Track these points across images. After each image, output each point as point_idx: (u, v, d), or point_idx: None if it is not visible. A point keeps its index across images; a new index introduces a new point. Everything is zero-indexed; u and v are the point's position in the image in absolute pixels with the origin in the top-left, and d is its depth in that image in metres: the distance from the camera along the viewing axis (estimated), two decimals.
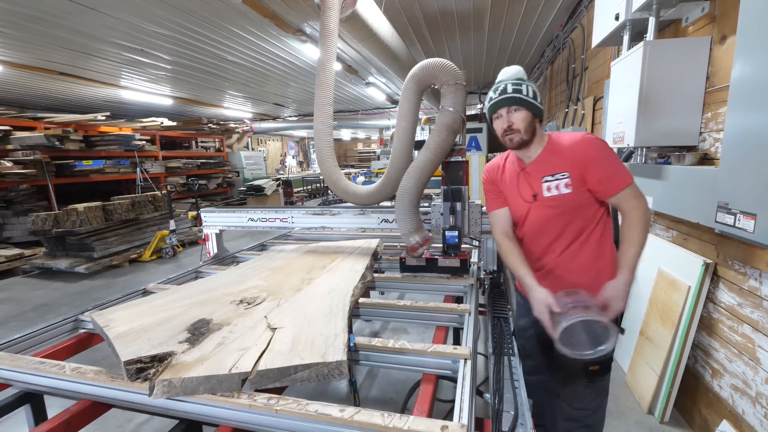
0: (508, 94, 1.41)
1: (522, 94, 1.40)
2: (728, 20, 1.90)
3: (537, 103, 1.42)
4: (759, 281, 1.72)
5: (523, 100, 1.40)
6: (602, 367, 1.46)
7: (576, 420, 1.59)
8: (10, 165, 6.06)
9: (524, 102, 1.40)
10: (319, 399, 1.04)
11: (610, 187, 1.36)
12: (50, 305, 4.55)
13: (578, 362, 1.39)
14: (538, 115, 1.44)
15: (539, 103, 1.43)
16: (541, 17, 4.77)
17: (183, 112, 10.98)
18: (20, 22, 4.15)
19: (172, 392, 1.07)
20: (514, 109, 1.42)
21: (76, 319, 1.73)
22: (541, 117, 1.46)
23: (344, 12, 2.72)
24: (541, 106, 1.45)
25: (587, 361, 1.34)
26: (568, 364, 1.49)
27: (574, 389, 1.55)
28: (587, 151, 1.37)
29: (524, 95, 1.40)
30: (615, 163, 1.36)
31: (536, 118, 1.44)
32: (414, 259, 2.11)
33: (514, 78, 1.45)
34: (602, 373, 1.49)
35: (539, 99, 1.44)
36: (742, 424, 1.80)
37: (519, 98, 1.40)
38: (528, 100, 1.40)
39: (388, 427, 0.93)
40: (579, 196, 1.41)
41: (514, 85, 1.41)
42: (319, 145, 2.39)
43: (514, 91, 1.41)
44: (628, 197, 1.35)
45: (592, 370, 1.45)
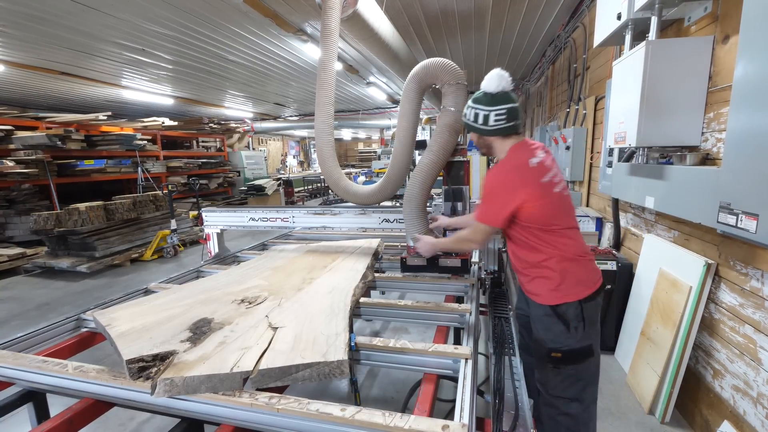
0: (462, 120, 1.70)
1: (466, 118, 1.63)
2: (731, 20, 1.90)
3: (477, 125, 1.58)
4: (761, 282, 1.72)
5: (466, 125, 1.65)
6: (565, 355, 1.53)
7: (554, 407, 1.62)
8: (12, 164, 6.07)
9: (467, 126, 1.65)
10: (321, 398, 1.05)
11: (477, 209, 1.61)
12: (52, 304, 4.56)
13: (541, 346, 1.59)
14: (483, 134, 1.60)
15: (481, 123, 1.56)
16: (542, 17, 4.76)
17: (184, 112, 10.99)
18: (22, 22, 4.16)
19: (174, 391, 1.07)
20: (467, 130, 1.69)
21: (78, 318, 1.73)
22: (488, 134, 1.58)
23: (345, 11, 2.72)
24: (482, 126, 1.56)
25: (549, 347, 1.55)
26: (535, 348, 1.64)
27: (545, 374, 1.61)
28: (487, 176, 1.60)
29: (466, 119, 1.63)
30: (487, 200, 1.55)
31: (483, 136, 1.61)
32: (415, 259, 2.11)
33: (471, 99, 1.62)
34: (566, 361, 1.54)
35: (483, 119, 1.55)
36: (743, 424, 1.80)
37: (464, 123, 1.66)
38: (468, 124, 1.62)
39: (389, 427, 0.93)
40: None
41: (466, 109, 1.64)
42: (320, 145, 2.40)
43: (462, 115, 1.67)
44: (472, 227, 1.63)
45: (554, 356, 1.55)
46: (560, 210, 1.53)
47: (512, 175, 1.49)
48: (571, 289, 1.51)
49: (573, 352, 1.53)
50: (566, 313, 1.51)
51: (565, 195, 1.55)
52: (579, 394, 1.58)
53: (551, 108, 6.18)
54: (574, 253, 1.53)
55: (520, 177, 1.47)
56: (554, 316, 1.53)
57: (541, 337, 1.59)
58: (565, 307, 1.51)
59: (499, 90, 1.51)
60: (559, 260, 1.51)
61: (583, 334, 1.52)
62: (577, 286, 1.52)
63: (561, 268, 1.51)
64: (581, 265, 1.54)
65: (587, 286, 1.53)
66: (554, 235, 1.51)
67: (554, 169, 1.53)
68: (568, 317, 1.51)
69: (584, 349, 1.54)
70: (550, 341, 1.56)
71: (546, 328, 1.56)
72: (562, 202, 1.53)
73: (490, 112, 1.52)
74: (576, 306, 1.51)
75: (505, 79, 1.51)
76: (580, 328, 1.51)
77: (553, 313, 1.53)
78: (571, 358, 1.54)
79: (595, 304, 1.56)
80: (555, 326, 1.53)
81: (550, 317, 1.54)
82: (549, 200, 1.48)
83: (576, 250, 1.54)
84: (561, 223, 1.52)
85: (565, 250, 1.52)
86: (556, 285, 1.52)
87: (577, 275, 1.52)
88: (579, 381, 1.57)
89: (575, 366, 1.55)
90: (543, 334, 1.58)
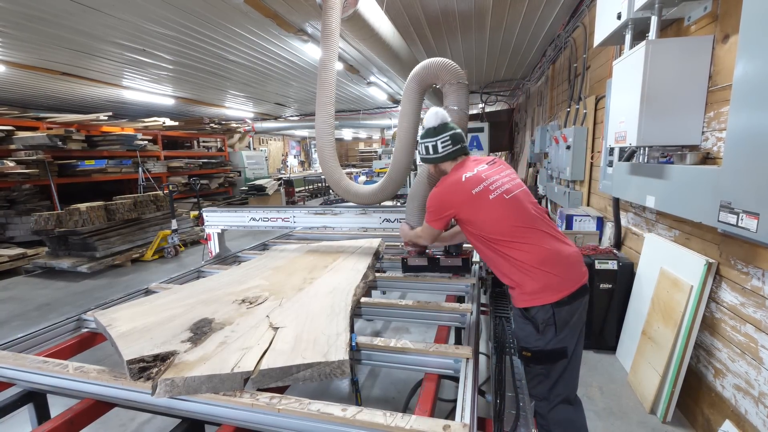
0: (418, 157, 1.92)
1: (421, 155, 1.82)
2: (731, 19, 1.90)
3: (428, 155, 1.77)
4: (762, 281, 1.72)
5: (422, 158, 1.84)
6: (534, 355, 1.58)
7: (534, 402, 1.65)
8: (13, 165, 6.08)
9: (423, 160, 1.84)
10: (321, 398, 1.05)
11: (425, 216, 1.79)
12: (53, 305, 4.57)
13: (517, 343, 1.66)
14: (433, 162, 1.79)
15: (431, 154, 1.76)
16: (542, 17, 4.76)
17: (185, 112, 10.99)
18: (22, 23, 4.16)
19: (175, 391, 1.07)
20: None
21: (79, 319, 1.73)
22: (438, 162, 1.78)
23: (346, 11, 2.72)
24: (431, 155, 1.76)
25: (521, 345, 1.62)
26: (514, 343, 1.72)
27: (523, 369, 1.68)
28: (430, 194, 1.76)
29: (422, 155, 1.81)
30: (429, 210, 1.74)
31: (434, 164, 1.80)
32: (416, 259, 2.11)
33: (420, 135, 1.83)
34: (534, 361, 1.58)
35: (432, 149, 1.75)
36: (744, 424, 1.80)
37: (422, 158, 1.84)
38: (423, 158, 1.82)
39: (391, 427, 0.93)
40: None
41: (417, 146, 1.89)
42: (320, 145, 2.40)
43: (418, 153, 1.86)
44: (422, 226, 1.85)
45: (524, 355, 1.61)
46: (504, 213, 1.57)
47: (446, 190, 1.67)
48: (541, 293, 1.52)
49: (542, 353, 1.56)
50: (536, 316, 1.53)
51: (507, 198, 1.59)
52: (546, 392, 1.60)
53: (552, 107, 6.17)
54: (532, 264, 1.52)
55: (451, 191, 1.65)
56: (524, 318, 1.57)
57: (516, 335, 1.67)
58: (534, 310, 1.53)
59: (439, 123, 1.74)
60: (516, 271, 1.55)
61: (554, 337, 1.52)
62: (547, 291, 1.51)
63: (520, 279, 1.55)
64: (550, 269, 1.52)
65: (560, 289, 1.51)
66: (504, 247, 1.56)
67: (493, 177, 1.63)
68: (538, 320, 1.53)
69: (555, 351, 1.55)
70: (521, 340, 1.61)
71: (519, 327, 1.62)
72: (504, 206, 1.58)
73: (437, 141, 1.72)
74: (547, 309, 1.51)
75: (441, 114, 1.75)
76: (550, 331, 1.52)
77: (523, 315, 1.57)
78: (539, 359, 1.57)
79: (571, 308, 1.53)
80: (526, 327, 1.57)
81: (521, 318, 1.58)
82: (481, 205, 1.58)
83: (542, 256, 1.53)
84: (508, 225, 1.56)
85: (528, 258, 1.53)
86: (527, 289, 1.54)
87: (547, 279, 1.51)
88: (546, 379, 1.60)
89: (544, 366, 1.58)
90: (517, 333, 1.65)
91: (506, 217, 1.56)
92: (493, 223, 1.57)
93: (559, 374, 1.59)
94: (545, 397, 1.61)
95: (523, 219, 1.57)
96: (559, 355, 1.56)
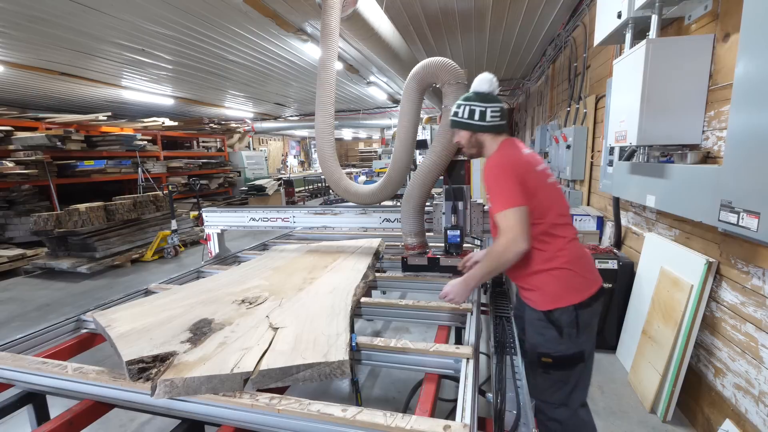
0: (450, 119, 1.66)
1: (458, 116, 1.61)
2: (731, 18, 1.89)
3: (472, 121, 1.57)
4: (762, 280, 1.71)
5: (456, 122, 1.62)
6: (555, 361, 1.51)
7: (542, 412, 1.60)
8: (12, 165, 6.07)
9: (457, 124, 1.62)
10: (321, 399, 1.04)
11: (491, 207, 1.49)
12: (53, 305, 4.56)
13: (533, 350, 1.57)
14: (477, 131, 1.58)
15: (477, 120, 1.56)
16: (542, 16, 4.76)
17: (184, 112, 10.98)
18: (21, 23, 4.15)
19: (174, 392, 1.07)
20: (456, 130, 1.65)
21: (78, 319, 1.73)
22: (483, 131, 1.57)
23: (345, 11, 2.72)
24: (478, 122, 1.56)
25: (540, 351, 1.54)
26: (526, 351, 1.63)
27: (534, 378, 1.60)
28: (486, 170, 1.51)
29: (458, 117, 1.61)
30: (497, 189, 1.45)
31: (476, 133, 1.59)
32: (416, 259, 2.11)
33: (462, 97, 1.63)
34: (556, 367, 1.52)
35: (479, 115, 1.55)
36: (745, 423, 1.79)
37: (453, 121, 1.64)
38: (460, 121, 1.60)
39: (391, 427, 0.93)
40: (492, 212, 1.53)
41: (456, 107, 1.62)
42: (320, 145, 2.39)
43: (452, 115, 1.64)
44: (500, 224, 1.44)
45: (544, 361, 1.53)
46: (554, 200, 1.51)
47: (512, 160, 1.49)
48: (566, 294, 1.47)
49: (564, 358, 1.51)
50: (560, 319, 1.48)
51: (557, 187, 1.56)
52: (566, 398, 1.55)
53: (552, 107, 6.17)
54: (569, 256, 1.48)
55: (518, 162, 1.49)
56: (546, 321, 1.50)
57: (532, 341, 1.57)
58: (558, 312, 1.48)
59: (490, 91, 1.57)
60: (553, 265, 1.48)
61: (575, 340, 1.49)
62: (571, 291, 1.48)
63: (543, 279, 1.49)
64: (576, 269, 1.49)
65: (583, 290, 1.49)
66: (546, 236, 1.48)
67: (544, 162, 1.58)
68: (562, 323, 1.47)
69: (575, 355, 1.51)
70: (541, 346, 1.53)
71: (537, 332, 1.54)
72: (555, 193, 1.53)
73: (487, 108, 1.55)
74: (571, 311, 1.47)
75: (495, 84, 1.57)
76: (573, 334, 1.48)
77: (546, 318, 1.50)
78: (561, 364, 1.52)
79: (592, 310, 1.51)
80: (547, 331, 1.50)
81: (542, 322, 1.51)
82: (540, 185, 1.48)
83: (571, 254, 1.49)
84: (554, 215, 1.49)
85: (559, 254, 1.48)
86: (551, 290, 1.49)
87: (572, 280, 1.48)
88: (566, 385, 1.54)
89: (564, 372, 1.53)
90: (534, 338, 1.56)
91: (556, 205, 1.50)
92: (544, 210, 1.46)
93: (577, 379, 1.54)
94: (564, 403, 1.56)
95: (564, 210, 1.54)
96: (579, 359, 1.52)
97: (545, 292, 1.50)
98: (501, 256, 1.42)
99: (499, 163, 1.49)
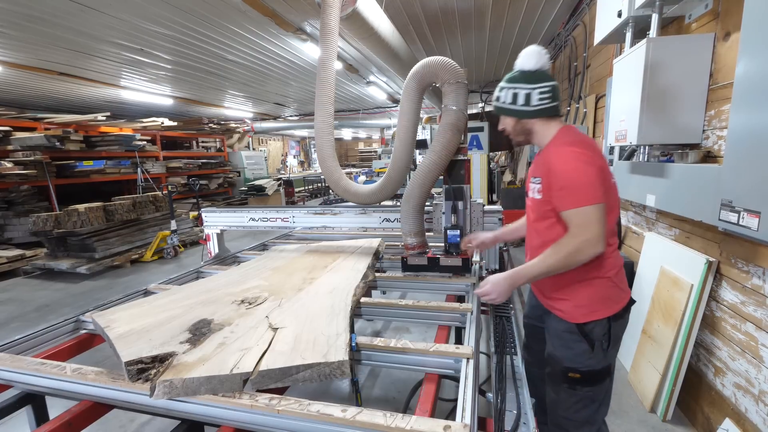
0: (492, 104, 1.50)
1: (500, 101, 1.45)
2: (732, 17, 1.89)
3: (515, 107, 1.40)
4: (762, 279, 1.71)
5: (499, 109, 1.47)
6: (583, 376, 1.41)
7: (561, 427, 1.52)
8: (11, 166, 6.06)
9: (500, 110, 1.47)
10: (321, 399, 1.04)
11: (559, 201, 1.31)
12: (52, 306, 4.56)
13: (557, 364, 1.47)
14: (523, 117, 1.41)
15: (522, 104, 1.39)
16: (542, 15, 4.76)
17: (183, 112, 10.97)
18: (20, 22, 4.14)
19: (174, 393, 1.07)
20: (502, 116, 1.49)
21: (77, 320, 1.72)
22: (530, 116, 1.40)
23: (345, 10, 2.71)
24: (523, 107, 1.39)
25: (566, 366, 1.43)
26: (550, 364, 1.52)
27: (557, 393, 1.50)
28: (558, 160, 1.32)
29: (500, 103, 1.45)
30: (572, 183, 1.26)
31: (522, 119, 1.43)
32: (416, 259, 2.11)
33: (504, 79, 1.45)
34: (583, 383, 1.42)
35: (524, 99, 1.38)
36: (744, 422, 1.79)
37: (496, 107, 1.48)
38: (503, 107, 1.44)
39: (391, 427, 0.92)
40: (545, 205, 1.39)
41: (498, 91, 1.46)
42: (320, 145, 2.39)
43: (495, 100, 1.48)
44: (572, 222, 1.27)
45: (571, 377, 1.43)
46: (616, 202, 1.39)
47: (594, 149, 1.32)
48: (602, 306, 1.38)
49: (593, 374, 1.40)
50: (593, 331, 1.37)
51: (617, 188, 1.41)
52: (591, 416, 1.46)
53: None
54: (613, 266, 1.38)
55: (599, 153, 1.32)
56: (578, 335, 1.39)
57: (558, 355, 1.46)
58: (592, 325, 1.37)
59: (538, 67, 1.36)
60: (596, 274, 1.37)
61: (605, 353, 1.40)
62: (607, 302, 1.38)
63: (596, 283, 1.38)
64: (617, 279, 1.39)
65: (618, 301, 1.40)
66: None
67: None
68: (594, 336, 1.37)
69: (604, 369, 1.41)
70: (568, 360, 1.42)
71: (565, 345, 1.43)
72: (616, 195, 1.41)
73: (533, 90, 1.35)
74: (604, 324, 1.37)
75: (544, 56, 1.36)
76: (604, 348, 1.38)
77: (578, 331, 1.39)
78: (590, 380, 1.41)
79: (624, 322, 1.43)
80: (577, 345, 1.40)
81: (572, 334, 1.40)
82: (611, 185, 1.34)
83: (615, 263, 1.40)
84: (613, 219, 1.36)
85: (606, 263, 1.37)
86: (586, 301, 1.38)
87: (610, 290, 1.39)
88: (593, 403, 1.45)
89: (591, 388, 1.43)
90: (561, 352, 1.44)
91: (616, 208, 1.39)
92: (608, 211, 1.29)
93: (603, 394, 1.46)
94: (589, 420, 1.46)
95: (618, 216, 1.42)
96: (607, 373, 1.42)
97: (580, 304, 1.39)
98: (573, 256, 1.25)
99: (580, 152, 1.29)
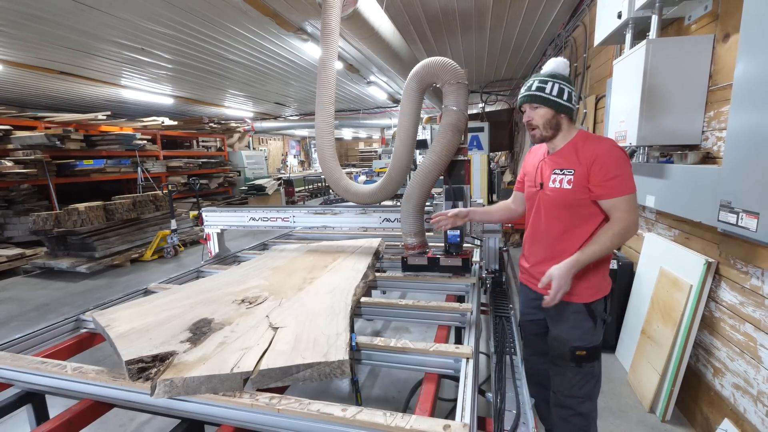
0: (530, 92, 1.50)
1: (544, 92, 1.47)
2: (731, 18, 1.89)
3: (561, 100, 1.47)
4: (761, 280, 1.72)
5: (543, 98, 1.48)
6: (589, 353, 1.58)
7: (567, 407, 1.64)
8: (11, 165, 6.06)
9: (544, 100, 1.48)
10: (321, 398, 1.04)
11: (608, 190, 1.42)
12: (52, 305, 4.56)
13: (564, 346, 1.60)
14: (562, 112, 1.49)
15: (566, 100, 1.47)
16: (542, 16, 4.76)
17: (184, 112, 10.97)
18: (20, 21, 4.14)
19: (174, 392, 1.07)
20: (535, 106, 1.51)
21: (78, 319, 1.73)
22: (567, 113, 1.50)
23: (345, 10, 2.71)
24: (567, 103, 1.48)
25: (574, 345, 1.57)
26: (556, 347, 1.66)
27: (563, 374, 1.64)
28: (602, 152, 1.43)
29: (546, 93, 1.47)
30: (623, 172, 1.40)
31: (559, 114, 1.50)
32: (416, 259, 2.11)
33: (545, 74, 1.51)
34: (589, 359, 1.59)
35: (567, 96, 1.48)
36: (743, 422, 1.80)
37: (538, 96, 1.48)
38: (548, 97, 1.47)
39: (391, 427, 0.93)
40: (576, 194, 1.48)
41: (540, 82, 1.49)
42: (320, 145, 2.39)
43: (537, 89, 1.49)
44: (620, 208, 1.41)
45: (578, 355, 1.58)
46: None
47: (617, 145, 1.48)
48: (605, 285, 1.58)
49: (595, 349, 1.59)
50: (596, 309, 1.56)
51: None
52: (591, 391, 1.63)
53: None
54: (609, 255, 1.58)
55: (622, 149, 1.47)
56: (585, 313, 1.56)
57: (564, 336, 1.61)
58: (596, 303, 1.56)
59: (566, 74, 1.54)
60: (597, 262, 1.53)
61: (601, 329, 1.60)
62: (603, 283, 1.58)
63: (601, 266, 1.56)
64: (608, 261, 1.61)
65: (609, 282, 1.61)
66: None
67: None
68: (597, 314, 1.56)
69: (600, 344, 1.62)
70: (576, 339, 1.58)
71: (574, 326, 1.58)
72: None
73: (572, 90, 1.50)
74: (603, 301, 1.58)
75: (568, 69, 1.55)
76: (601, 324, 1.59)
77: (586, 310, 1.56)
78: (593, 355, 1.59)
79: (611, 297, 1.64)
80: (585, 324, 1.57)
81: (581, 314, 1.56)
82: None
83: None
84: None
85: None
86: (595, 282, 1.55)
87: (602, 273, 1.58)
88: (593, 378, 1.62)
89: (592, 363, 1.60)
90: (568, 333, 1.59)
91: None
92: None
93: (600, 369, 1.64)
94: (590, 396, 1.62)
95: None
96: (602, 348, 1.63)
97: (591, 285, 1.55)
98: (623, 237, 1.40)
99: (617, 147, 1.45)
